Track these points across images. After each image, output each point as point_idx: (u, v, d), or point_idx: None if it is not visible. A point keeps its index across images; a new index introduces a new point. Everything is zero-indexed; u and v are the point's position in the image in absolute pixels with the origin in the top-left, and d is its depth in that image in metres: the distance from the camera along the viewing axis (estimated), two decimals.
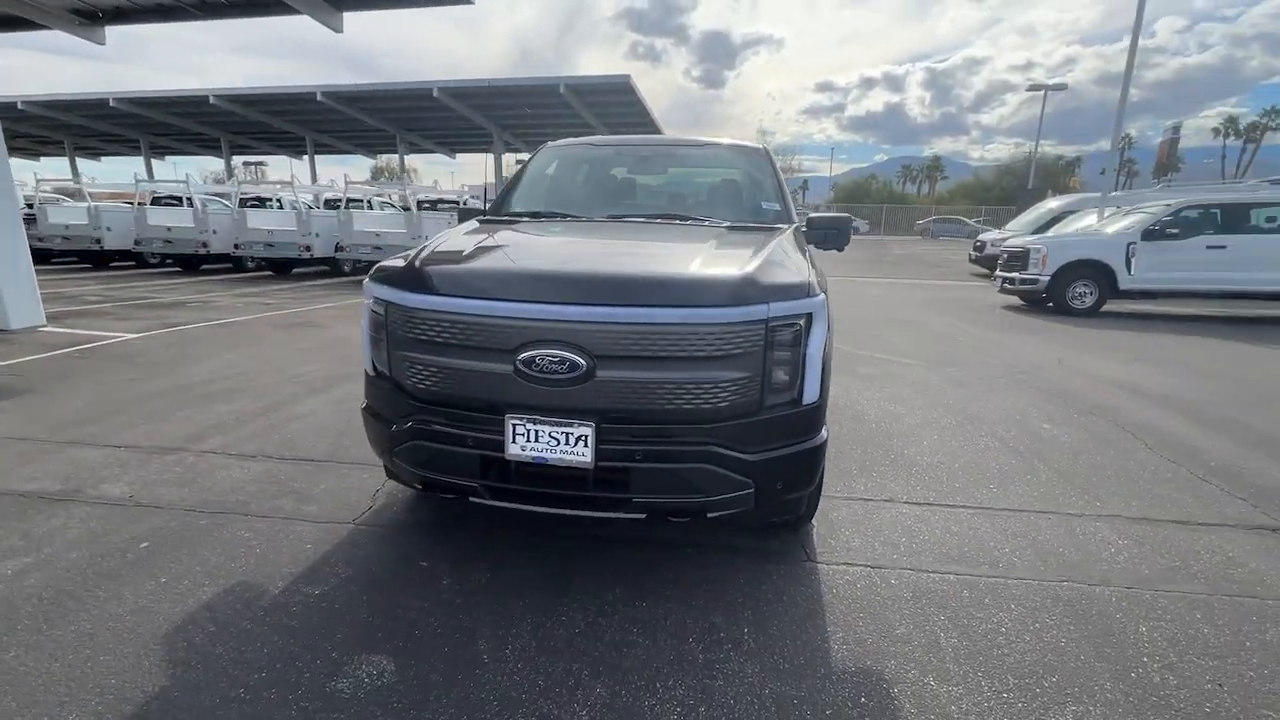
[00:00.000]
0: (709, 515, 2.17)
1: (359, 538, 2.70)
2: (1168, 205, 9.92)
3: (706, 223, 3.04)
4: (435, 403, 2.19)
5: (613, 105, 24.87)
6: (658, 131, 29.12)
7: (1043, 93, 28.83)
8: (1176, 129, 38.21)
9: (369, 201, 15.04)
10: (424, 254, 2.40)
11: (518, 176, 3.70)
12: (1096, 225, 11.70)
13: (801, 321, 2.09)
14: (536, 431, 2.04)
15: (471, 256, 2.37)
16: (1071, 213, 15.45)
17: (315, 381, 4.99)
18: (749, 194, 3.41)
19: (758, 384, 2.05)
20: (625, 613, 2.23)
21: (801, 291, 2.11)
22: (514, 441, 2.05)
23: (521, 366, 2.02)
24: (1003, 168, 47.76)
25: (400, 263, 2.39)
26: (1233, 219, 9.54)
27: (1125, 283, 9.61)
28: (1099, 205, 14.19)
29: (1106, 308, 9.93)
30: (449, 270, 2.26)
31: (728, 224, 2.99)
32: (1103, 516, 2.99)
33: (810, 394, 2.15)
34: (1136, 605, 2.31)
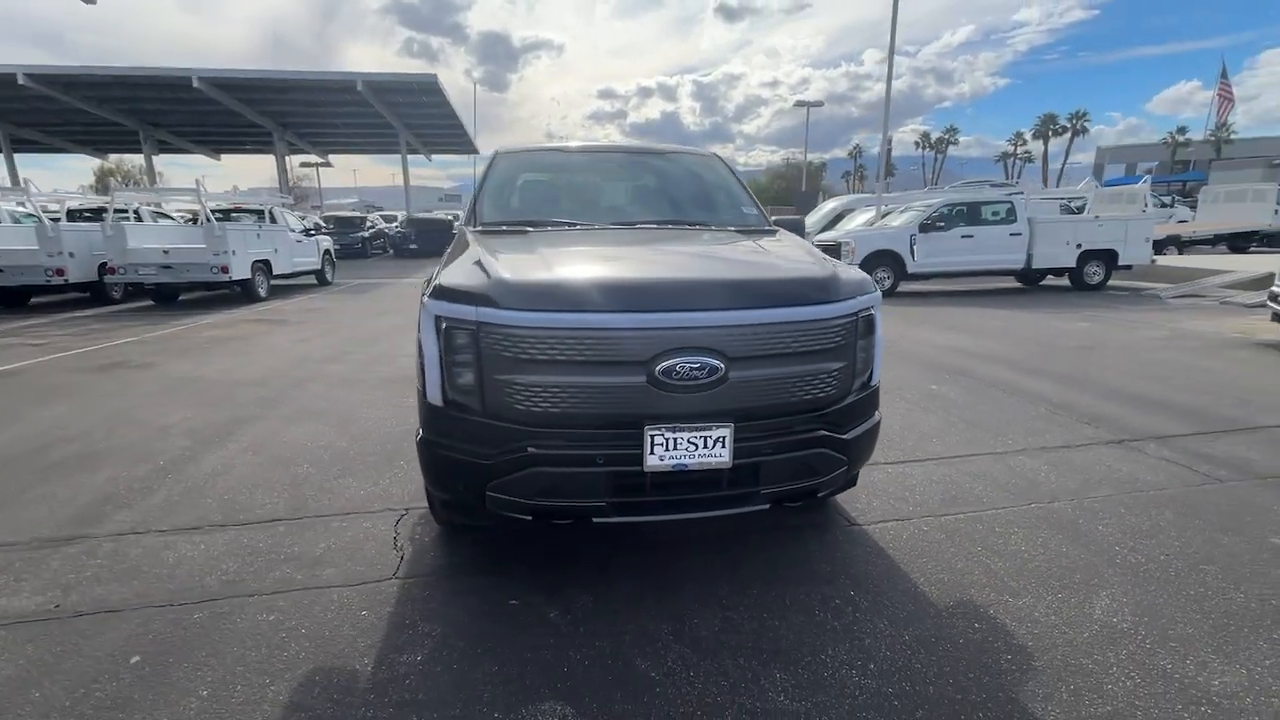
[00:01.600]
0: (818, 496, 2.36)
1: (415, 591, 2.40)
2: (931, 204, 12.36)
3: (713, 227, 3.21)
4: (555, 425, 2.07)
5: (418, 106, 23.41)
6: (465, 135, 28.13)
7: (805, 109, 33.64)
8: (889, 141, 47.10)
9: (136, 212, 12.36)
10: (499, 269, 2.21)
11: (487, 185, 3.49)
12: (880, 221, 14.09)
13: (874, 311, 2.37)
14: (675, 439, 2.05)
15: (563, 268, 2.25)
16: (849, 211, 18.34)
17: (199, 431, 4.12)
18: (725, 199, 3.64)
19: (850, 370, 2.29)
20: (745, 603, 2.33)
21: (870, 285, 2.40)
22: (652, 452, 2.04)
23: (660, 376, 2.01)
24: (775, 172, 54.70)
25: (476, 279, 2.17)
26: (974, 214, 12.21)
27: (912, 267, 11.77)
28: (872, 204, 17.05)
29: (899, 289, 12.06)
30: (562, 284, 2.13)
31: (733, 228, 3.19)
32: (1017, 451, 3.78)
33: (876, 376, 2.45)
34: (1084, 512, 3.01)
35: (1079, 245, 11.88)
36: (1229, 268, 12.63)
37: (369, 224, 22.26)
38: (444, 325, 2.12)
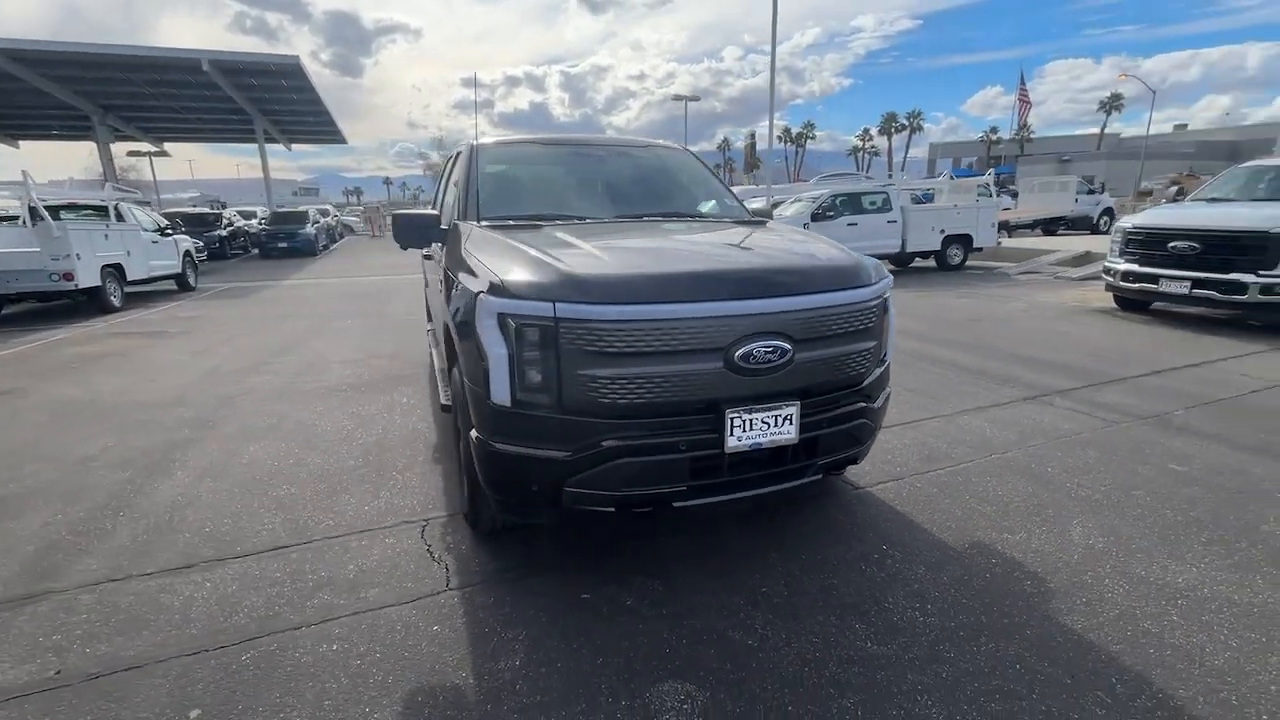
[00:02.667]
0: (857, 462, 2.60)
1: (479, 599, 2.33)
2: (820, 195, 13.37)
3: (710, 219, 3.35)
4: (636, 415, 2.11)
5: (276, 91, 21.27)
6: (332, 123, 26.01)
7: (684, 103, 34.68)
8: (753, 136, 49.82)
9: None
10: (566, 264, 2.19)
11: (475, 179, 3.36)
12: (774, 212, 14.96)
13: (890, 294, 2.64)
14: (751, 420, 2.17)
15: (627, 261, 2.27)
16: None
17: (132, 461, 3.60)
18: (707, 191, 3.78)
19: (879, 347, 2.54)
20: (798, 567, 2.52)
21: (885, 271, 2.66)
22: (732, 434, 2.15)
23: (738, 361, 2.12)
24: None
25: (545, 275, 2.14)
26: (857, 204, 13.37)
27: None
28: (759, 195, 18.06)
29: None
30: (642, 277, 2.15)
31: (729, 219, 3.35)
32: (960, 413, 4.31)
33: (891, 351, 2.73)
34: (1033, 458, 3.53)
35: (942, 230, 13.41)
36: (1052, 248, 14.88)
37: (225, 221, 19.97)
38: (515, 324, 2.07)
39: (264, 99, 22.17)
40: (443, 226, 3.22)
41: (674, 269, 2.24)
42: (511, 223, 3.01)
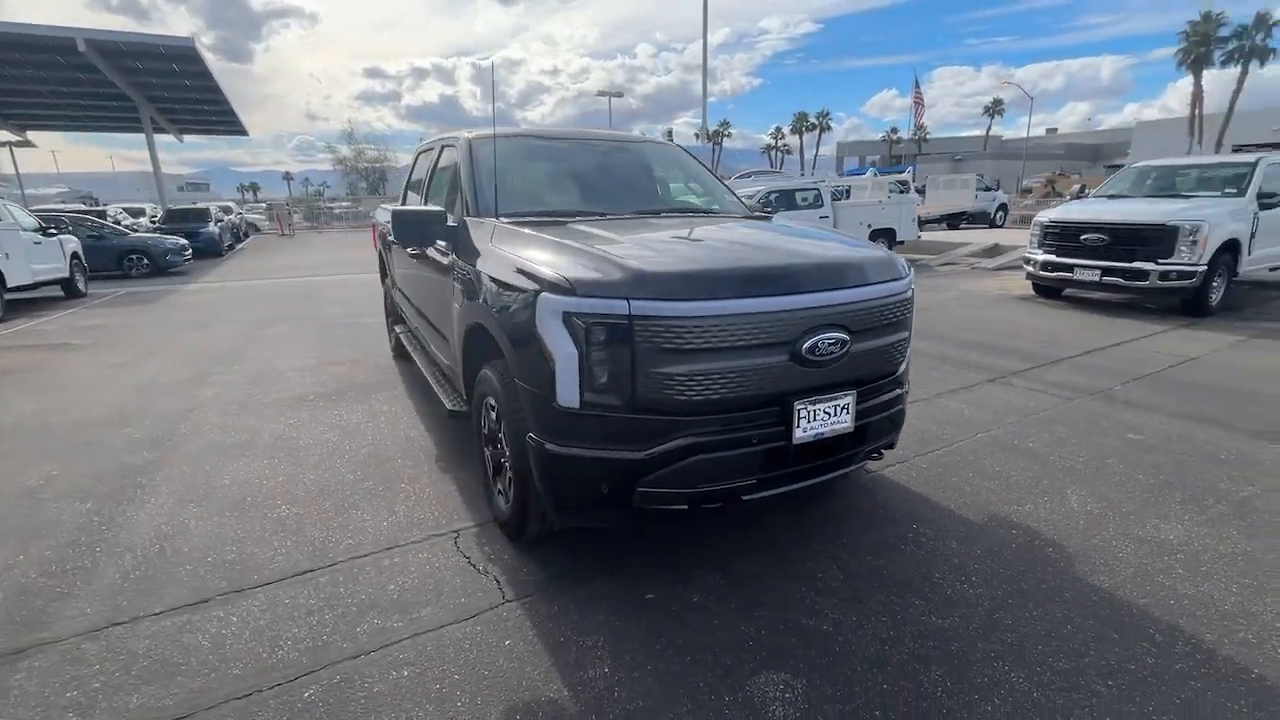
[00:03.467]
0: (893, 447, 2.71)
1: (542, 609, 2.26)
2: (756, 192, 13.74)
3: (724, 214, 3.38)
4: (709, 411, 2.11)
5: (168, 77, 19.33)
6: (232, 114, 24.04)
7: (607, 99, 34.66)
8: (669, 134, 50.67)
9: None
10: (631, 260, 2.15)
11: (482, 174, 3.21)
12: None
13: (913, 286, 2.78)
14: (815, 411, 2.23)
15: (688, 257, 2.26)
16: None
17: (90, 490, 3.19)
18: (707, 186, 3.81)
19: (909, 337, 2.67)
20: (845, 552, 2.61)
21: (908, 265, 2.79)
22: (799, 425, 2.20)
23: (804, 353, 2.17)
24: None
25: (611, 272, 2.09)
26: (791, 200, 13.86)
27: None
28: None
29: None
30: (714, 272, 2.15)
31: (738, 214, 3.39)
32: (936, 396, 4.59)
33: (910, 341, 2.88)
34: (1013, 435, 3.82)
35: (869, 225, 14.15)
36: (963, 241, 16.07)
37: (110, 219, 17.94)
38: (586, 323, 2.02)
39: (151, 85, 20.07)
40: (451, 223, 3.07)
41: (742, 264, 2.25)
42: (532, 219, 2.92)
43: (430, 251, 3.34)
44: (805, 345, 2.16)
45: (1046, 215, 8.24)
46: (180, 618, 2.21)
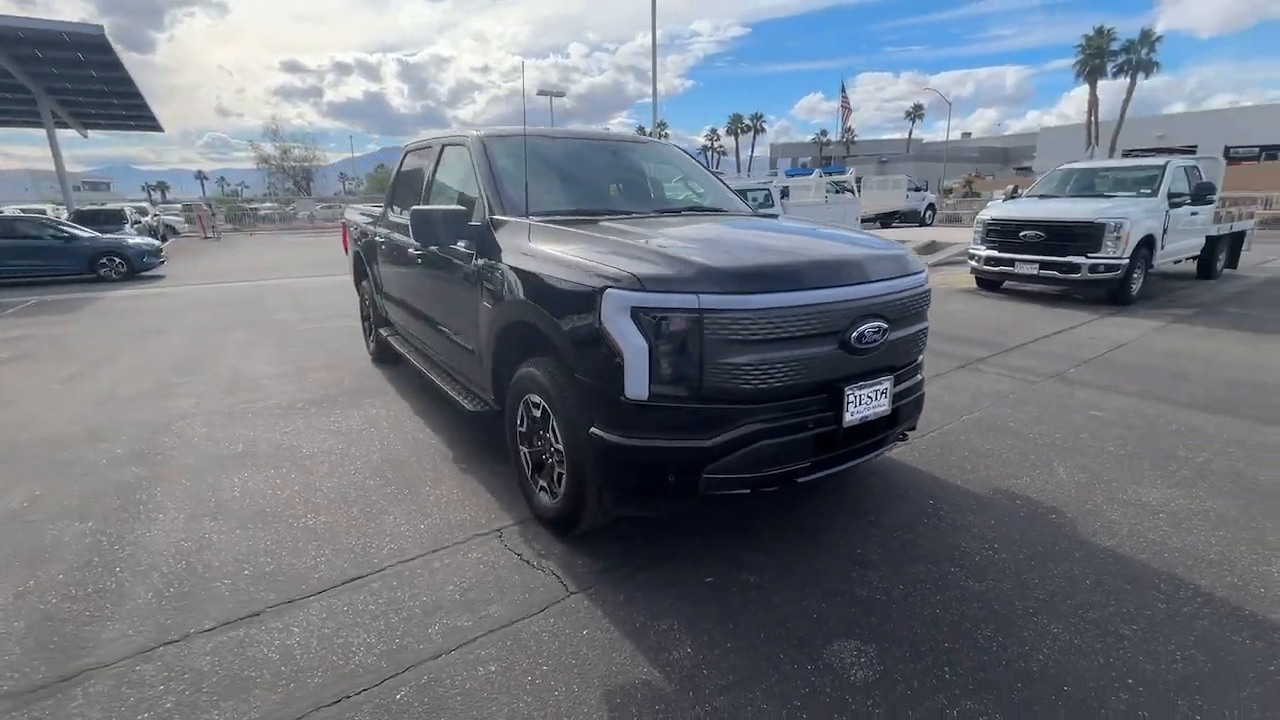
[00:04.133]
0: (914, 429, 2.91)
1: (608, 598, 2.32)
2: None
3: (731, 212, 3.50)
4: (769, 399, 2.23)
5: (72, 68, 17.73)
6: (145, 108, 22.40)
7: (549, 98, 34.30)
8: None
9: None
10: (697, 256, 2.23)
11: (502, 173, 3.21)
12: None
13: None
14: (861, 396, 2.39)
15: (745, 251, 2.36)
16: None
17: (84, 510, 2.98)
18: (711, 185, 3.93)
19: (927, 327, 2.87)
20: (876, 531, 2.78)
21: None
22: (847, 409, 2.35)
23: (853, 341, 2.32)
24: None
25: (678, 268, 2.17)
26: (742, 200, 14.23)
27: None
28: None
29: None
30: (775, 266, 2.26)
31: (746, 212, 3.53)
32: None
33: None
34: (994, 415, 4.14)
35: None
36: (901, 239, 16.96)
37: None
38: (656, 317, 2.10)
39: (52, 75, 18.37)
40: (475, 222, 3.06)
41: (798, 259, 2.37)
42: (562, 218, 2.95)
43: (446, 252, 3.30)
44: (854, 334, 2.32)
45: (989, 214, 8.85)
46: (236, 632, 2.14)
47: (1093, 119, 46.44)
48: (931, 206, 26.94)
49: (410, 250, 3.89)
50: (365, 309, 5.77)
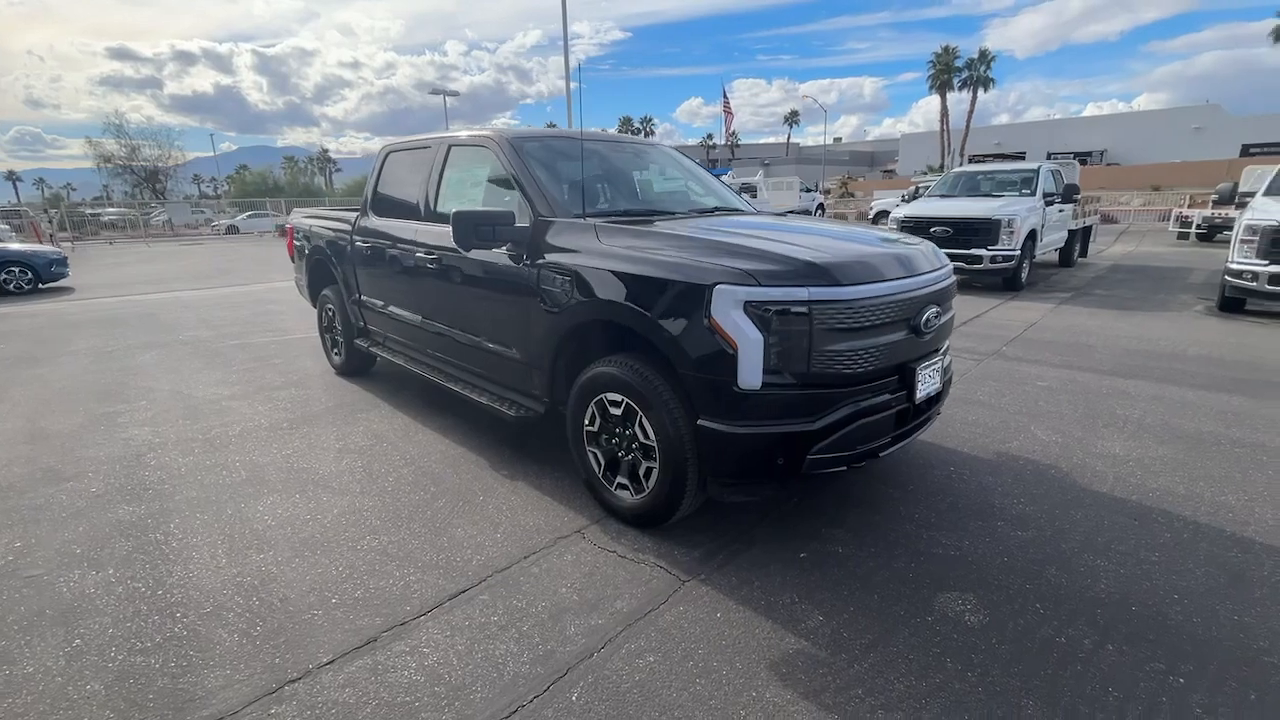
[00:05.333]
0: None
1: (723, 583, 2.42)
2: None
3: (749, 212, 3.70)
4: (862, 382, 2.43)
5: None
6: None
7: (442, 97, 33.00)
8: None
9: None
10: (798, 252, 2.38)
11: (538, 173, 3.17)
12: None
13: None
14: (926, 374, 2.66)
15: (831, 246, 2.54)
16: None
17: (95, 556, 2.60)
18: (719, 186, 4.09)
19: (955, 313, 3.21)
20: (920, 496, 3.09)
21: None
22: (918, 387, 2.61)
23: (922, 326, 2.58)
24: None
25: (782, 264, 2.31)
26: None
27: None
28: None
29: None
30: (868, 259, 2.45)
31: (770, 213, 3.74)
32: None
33: None
34: (964, 391, 4.65)
35: None
36: None
37: None
38: (769, 310, 2.23)
39: None
40: (522, 224, 3.02)
41: (879, 254, 2.58)
42: (616, 219, 2.99)
43: (486, 256, 3.20)
44: (922, 319, 2.58)
45: (901, 211, 9.76)
46: (362, 660, 2.01)
47: (944, 127, 51.91)
48: (821, 206, 28.97)
49: (418, 255, 3.73)
50: (326, 320, 5.38)
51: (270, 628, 2.17)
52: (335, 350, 5.36)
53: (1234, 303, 7.44)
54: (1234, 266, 7.10)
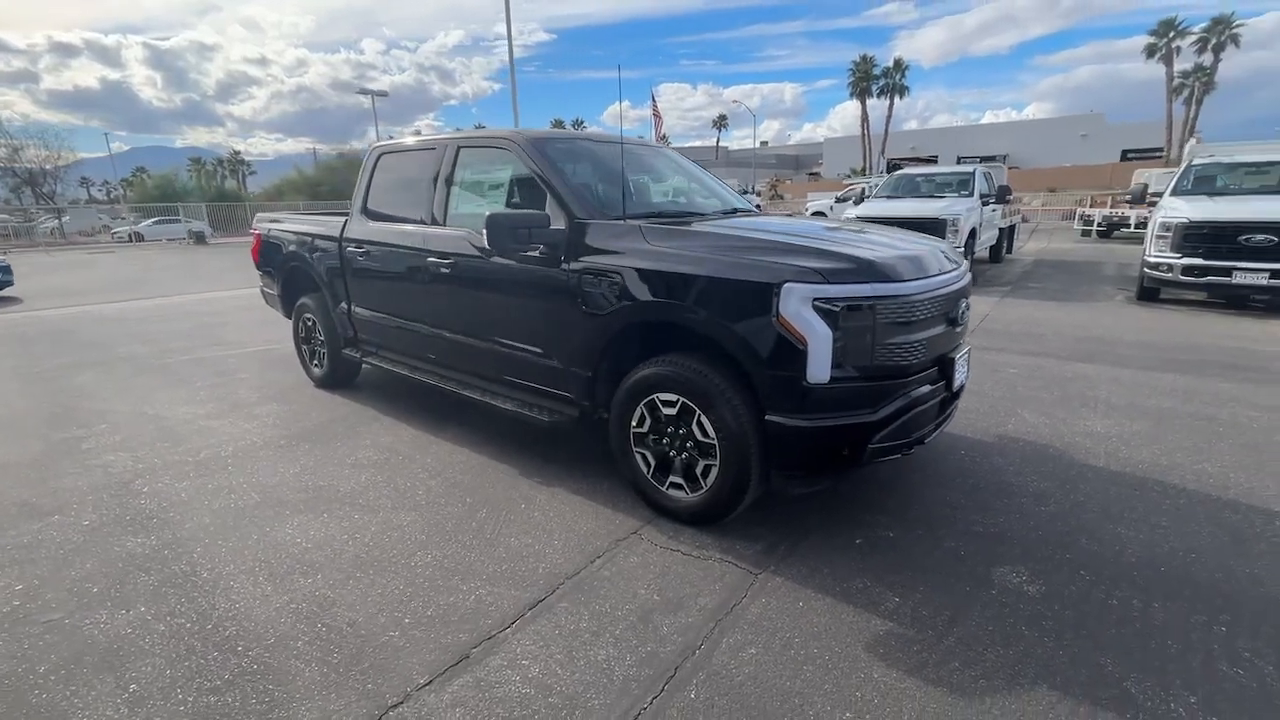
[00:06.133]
0: None
1: (794, 573, 2.49)
2: None
3: (761, 213, 3.80)
4: (914, 372, 2.56)
5: None
6: None
7: (370, 97, 31.70)
8: (417, 133, 47.63)
9: None
10: (856, 251, 2.48)
11: (567, 173, 3.14)
12: None
13: None
14: (960, 364, 2.83)
15: (883, 247, 2.65)
16: None
17: (119, 594, 2.37)
18: (716, 188, 4.17)
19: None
20: (946, 480, 3.27)
21: None
22: (955, 376, 2.77)
23: (957, 319, 2.74)
24: (325, 166, 48.80)
25: (846, 262, 2.40)
26: None
27: None
28: None
29: None
30: (920, 257, 2.57)
31: (780, 213, 3.85)
32: None
33: None
34: (983, 377, 4.92)
35: None
36: None
37: None
38: (837, 307, 2.32)
39: None
40: (556, 226, 2.99)
41: (923, 252, 2.72)
42: (656, 220, 3.01)
43: (518, 260, 3.13)
44: (957, 312, 2.74)
45: (854, 211, 10.22)
46: (462, 679, 1.94)
47: (865, 132, 54.58)
48: (758, 207, 29.75)
49: (429, 261, 3.60)
50: (304, 331, 5.08)
51: (348, 654, 2.06)
52: (315, 362, 5.08)
53: (1151, 292, 8.24)
54: (1151, 259, 7.86)
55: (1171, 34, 42.77)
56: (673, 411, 2.72)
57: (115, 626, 2.21)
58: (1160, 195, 8.97)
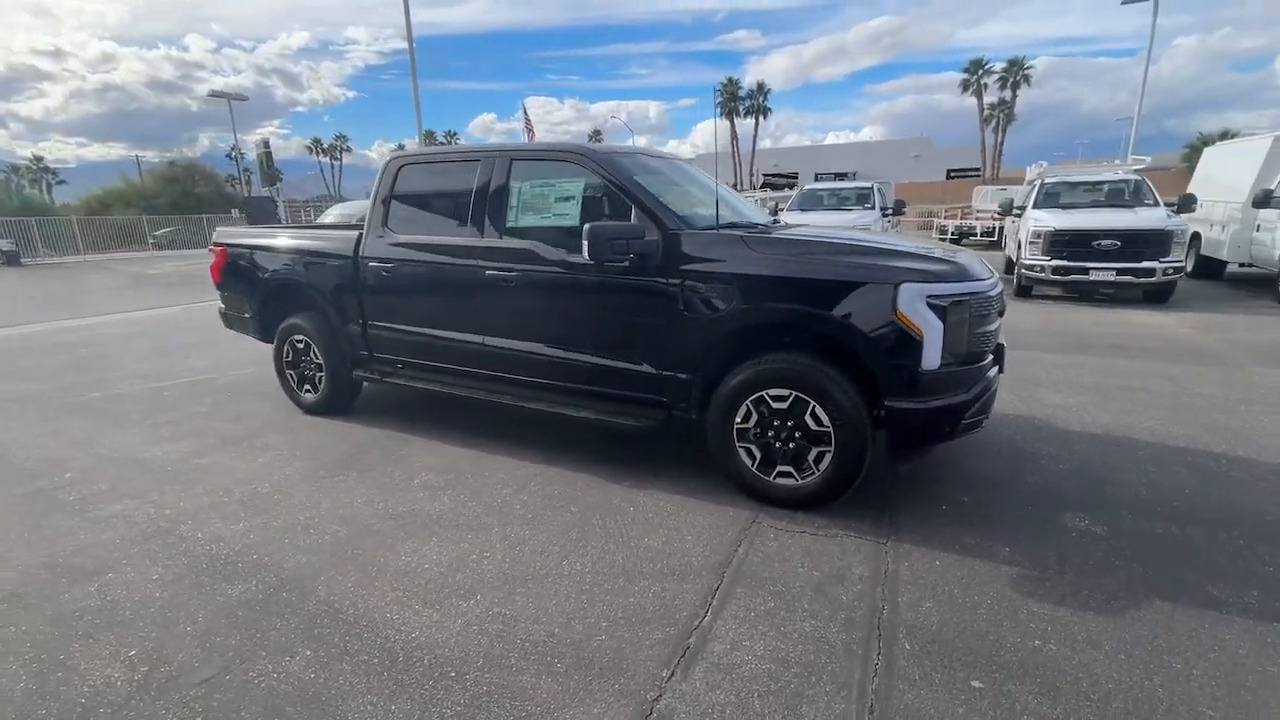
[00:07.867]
0: None
1: (911, 539, 2.80)
2: None
3: (784, 221, 4.15)
4: (988, 358, 3.00)
5: None
6: None
7: (226, 100, 28.49)
8: (266, 144, 43.82)
9: None
10: (938, 249, 2.85)
11: (645, 184, 3.28)
12: None
13: None
14: (1005, 350, 3.33)
15: (944, 252, 3.04)
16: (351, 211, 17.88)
17: (212, 660, 2.13)
18: (739, 200, 4.46)
19: None
20: (984, 454, 3.77)
21: None
22: (1004, 360, 3.26)
23: (1002, 312, 3.23)
24: (161, 175, 42.59)
25: (939, 266, 2.77)
26: None
27: None
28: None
29: None
30: (975, 261, 2.98)
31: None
32: None
33: None
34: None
35: None
36: None
37: None
38: (945, 303, 2.70)
39: None
40: (651, 238, 3.11)
41: (975, 257, 3.16)
42: (741, 230, 3.23)
43: (614, 272, 3.19)
44: (1002, 306, 3.24)
45: (784, 220, 11.03)
46: (700, 665, 2.02)
47: (735, 149, 58.16)
48: None
49: (488, 274, 3.55)
50: (292, 355, 4.66)
51: (571, 662, 2.06)
52: (306, 388, 4.67)
53: (1026, 289, 9.74)
54: (1027, 262, 9.31)
55: (980, 72, 50.16)
56: (783, 405, 2.95)
57: (293, 673, 2.02)
58: (1023, 209, 10.62)
